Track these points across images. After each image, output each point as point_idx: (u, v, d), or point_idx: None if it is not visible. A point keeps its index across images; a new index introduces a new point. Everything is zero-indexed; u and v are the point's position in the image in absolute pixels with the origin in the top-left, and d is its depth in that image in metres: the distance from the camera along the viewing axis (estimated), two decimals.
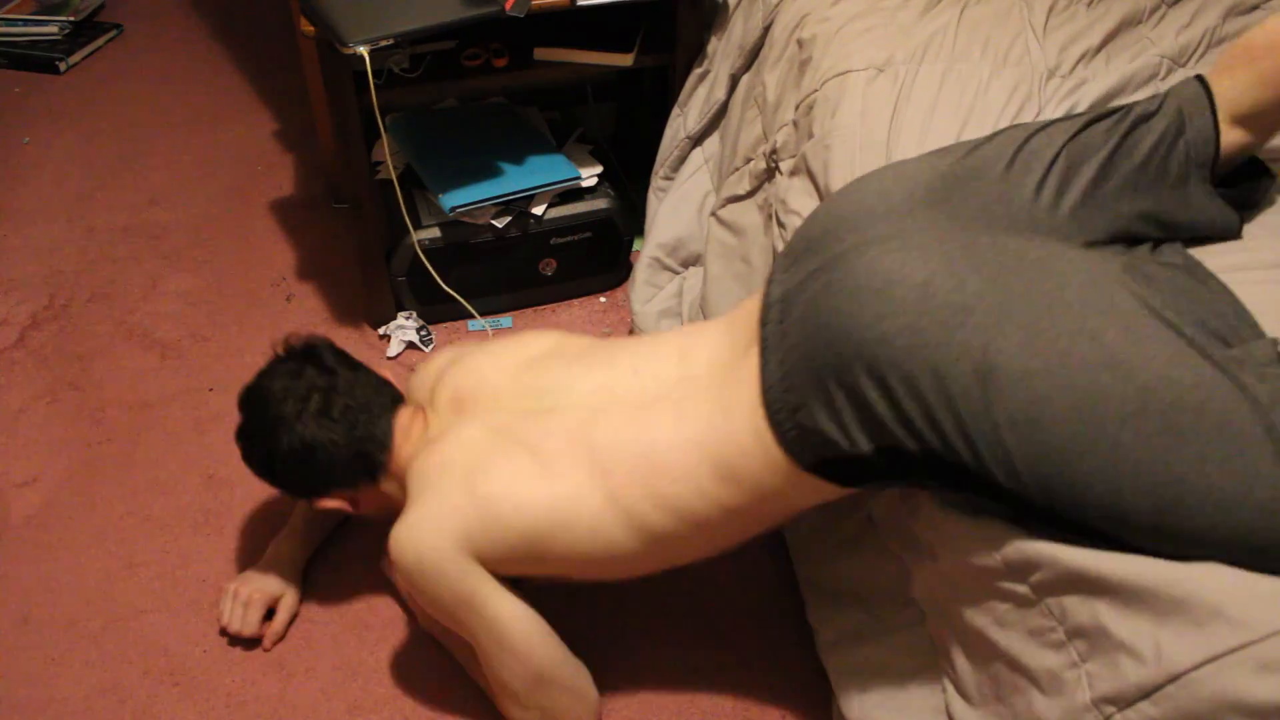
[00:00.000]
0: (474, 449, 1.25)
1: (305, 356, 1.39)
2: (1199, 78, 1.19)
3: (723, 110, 1.87)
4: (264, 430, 1.36)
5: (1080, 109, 1.39)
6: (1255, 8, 1.54)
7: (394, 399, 1.41)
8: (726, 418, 1.14)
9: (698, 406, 1.17)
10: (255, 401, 1.38)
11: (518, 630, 1.24)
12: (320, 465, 1.35)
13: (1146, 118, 1.16)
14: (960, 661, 1.10)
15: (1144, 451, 0.90)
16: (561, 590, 1.36)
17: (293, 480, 1.39)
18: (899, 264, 1.01)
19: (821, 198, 1.46)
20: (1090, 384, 0.92)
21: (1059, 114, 1.38)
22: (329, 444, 1.33)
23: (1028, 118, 1.39)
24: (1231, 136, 1.17)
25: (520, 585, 1.27)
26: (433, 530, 1.21)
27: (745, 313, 1.22)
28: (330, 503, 1.39)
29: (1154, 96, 1.19)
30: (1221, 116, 1.16)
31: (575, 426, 1.22)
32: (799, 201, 1.51)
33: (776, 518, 1.23)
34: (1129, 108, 1.18)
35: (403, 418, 1.39)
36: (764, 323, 1.13)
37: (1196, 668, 0.84)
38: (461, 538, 1.20)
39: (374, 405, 1.37)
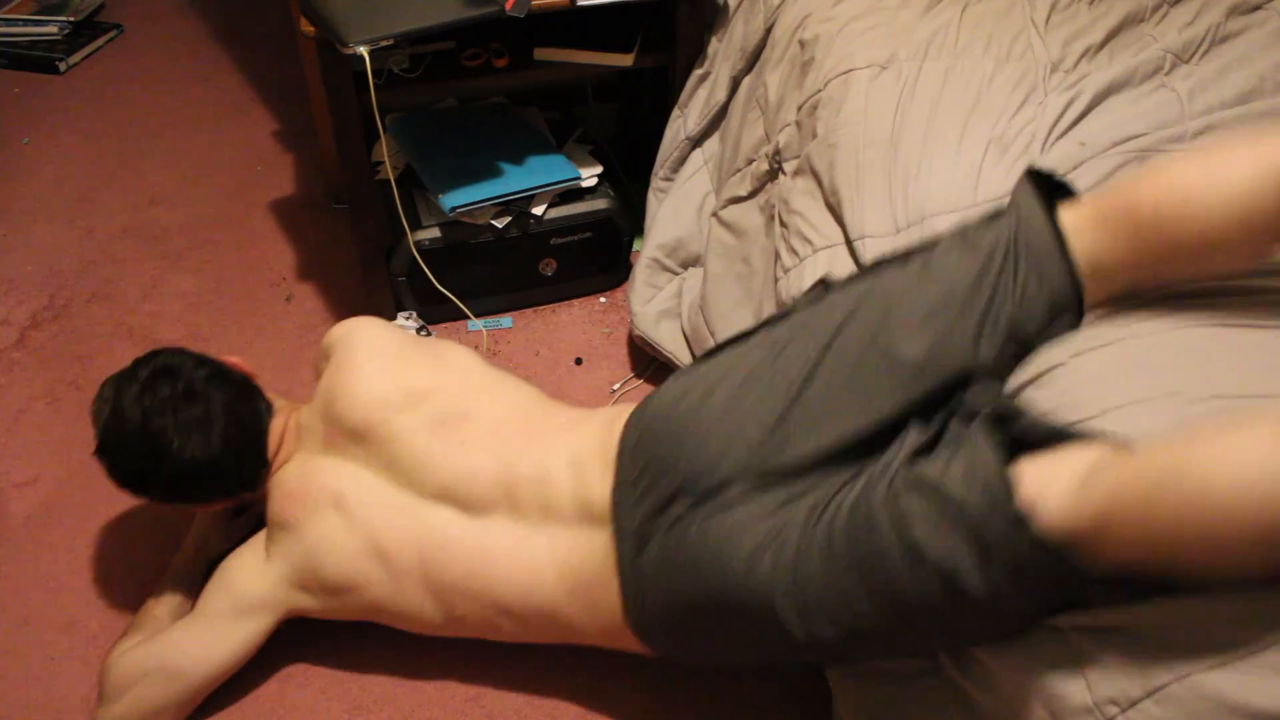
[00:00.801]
0: (328, 528, 1.34)
1: (163, 372, 1.38)
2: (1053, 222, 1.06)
3: (723, 111, 1.87)
4: (140, 454, 1.36)
5: (1084, 100, 1.39)
6: (1258, 8, 1.53)
7: (266, 409, 1.45)
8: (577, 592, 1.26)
9: (553, 559, 1.27)
10: (122, 424, 1.36)
11: (222, 662, 1.37)
12: (204, 487, 1.40)
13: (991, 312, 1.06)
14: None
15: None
16: None
17: (169, 497, 1.43)
18: (750, 528, 1.08)
19: (825, 197, 1.46)
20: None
21: (1062, 103, 1.38)
22: (212, 469, 1.37)
23: (1032, 110, 1.39)
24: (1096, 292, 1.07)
25: None
26: (268, 579, 1.37)
27: (599, 489, 1.25)
28: (213, 507, 1.49)
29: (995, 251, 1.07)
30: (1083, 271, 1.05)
31: (421, 515, 1.32)
32: (802, 202, 1.51)
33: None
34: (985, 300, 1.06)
35: (276, 427, 1.44)
36: (618, 548, 1.20)
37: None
38: (293, 593, 1.36)
39: (250, 427, 1.41)
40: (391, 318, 1.99)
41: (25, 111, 2.67)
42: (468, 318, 1.89)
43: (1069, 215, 1.07)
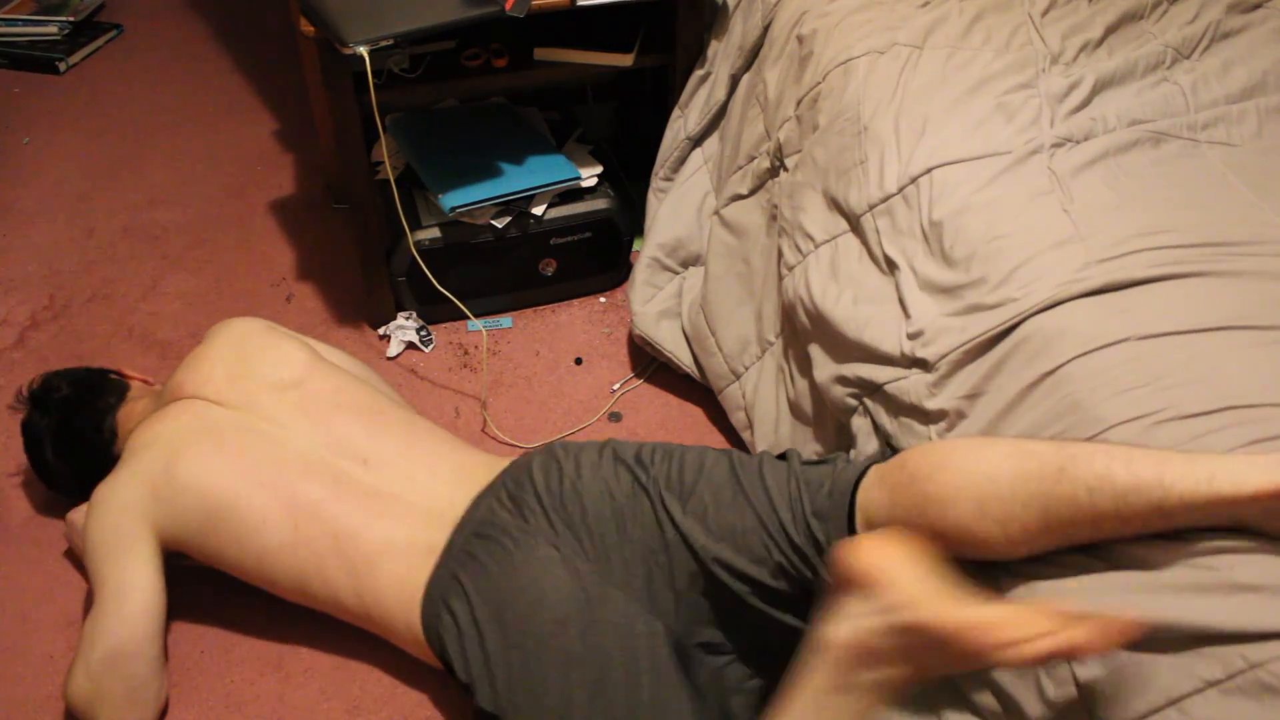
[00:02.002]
0: (184, 432, 1.42)
1: (35, 401, 1.61)
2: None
3: (722, 110, 1.87)
4: (42, 473, 1.64)
5: (1087, 85, 1.39)
6: (1258, 6, 1.54)
7: (116, 400, 1.60)
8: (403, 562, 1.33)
9: (391, 539, 1.36)
10: (28, 449, 1.63)
11: (136, 600, 1.35)
12: (73, 484, 1.59)
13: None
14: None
15: None
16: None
17: (77, 490, 1.57)
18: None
19: (825, 192, 1.46)
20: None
21: (1066, 84, 1.39)
22: (69, 474, 1.60)
23: (1033, 97, 1.39)
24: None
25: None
26: (124, 488, 1.39)
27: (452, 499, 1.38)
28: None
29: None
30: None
31: (284, 464, 1.39)
32: (802, 197, 1.51)
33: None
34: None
35: (123, 412, 1.58)
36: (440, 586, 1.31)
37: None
38: (148, 502, 1.38)
39: (91, 432, 1.57)
40: (391, 318, 1.99)
41: (25, 111, 2.67)
42: (467, 318, 1.89)
43: (869, 481, 1.13)
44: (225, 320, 1.60)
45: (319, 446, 1.42)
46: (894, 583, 0.97)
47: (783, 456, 1.24)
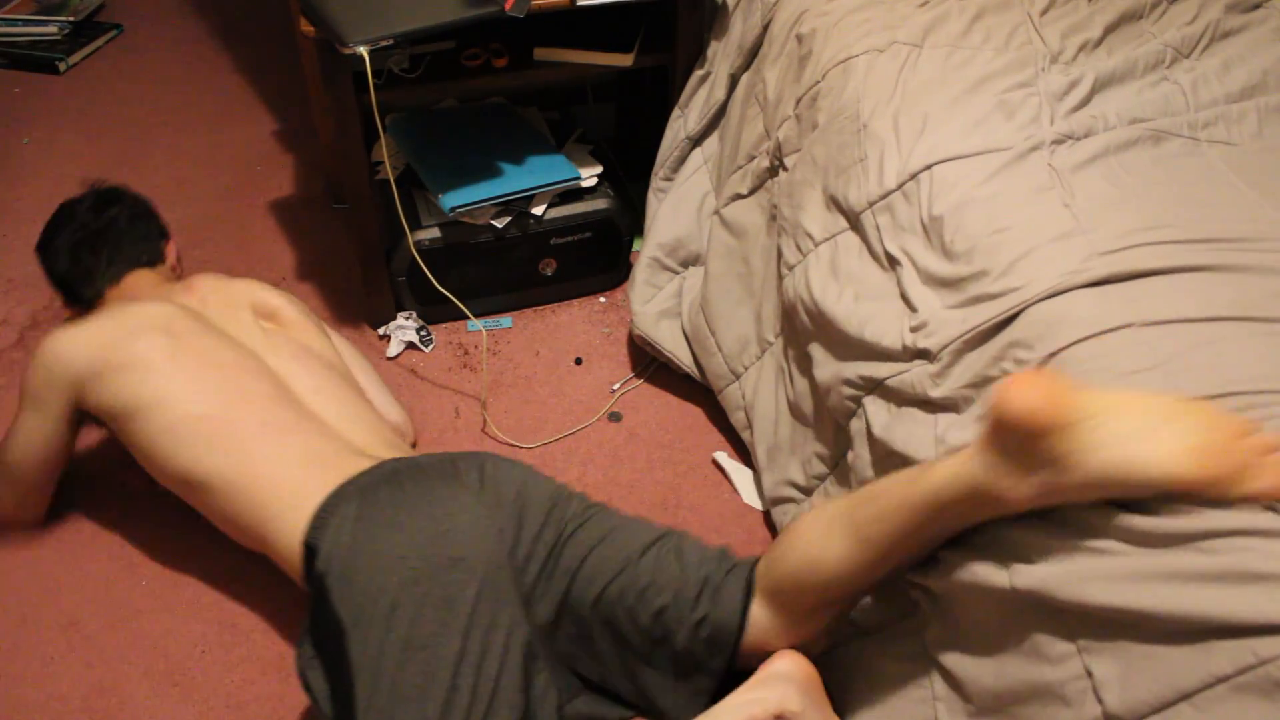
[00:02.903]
0: (152, 321, 1.48)
1: (94, 198, 1.69)
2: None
3: (722, 110, 1.87)
4: (43, 244, 1.67)
5: (1087, 83, 1.40)
6: (1257, 5, 1.54)
7: (145, 259, 1.67)
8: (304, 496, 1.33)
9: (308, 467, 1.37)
10: (52, 220, 1.68)
11: (39, 448, 1.52)
12: (53, 273, 1.65)
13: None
14: (961, 671, 1.10)
15: None
16: None
17: (64, 287, 1.65)
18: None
19: (825, 190, 1.47)
20: None
21: (1066, 82, 1.39)
22: (58, 266, 1.64)
23: (1033, 95, 1.39)
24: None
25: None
26: (72, 345, 1.47)
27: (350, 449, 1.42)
28: (71, 310, 1.68)
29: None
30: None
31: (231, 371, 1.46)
32: (802, 195, 1.51)
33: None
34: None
35: (135, 276, 1.64)
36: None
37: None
38: (84, 370, 1.45)
39: (100, 264, 1.63)
40: (391, 318, 1.99)
41: (25, 111, 2.67)
42: (467, 318, 1.89)
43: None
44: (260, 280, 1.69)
45: (275, 369, 1.50)
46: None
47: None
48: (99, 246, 1.63)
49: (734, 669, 1.25)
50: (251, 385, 1.43)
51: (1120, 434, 0.94)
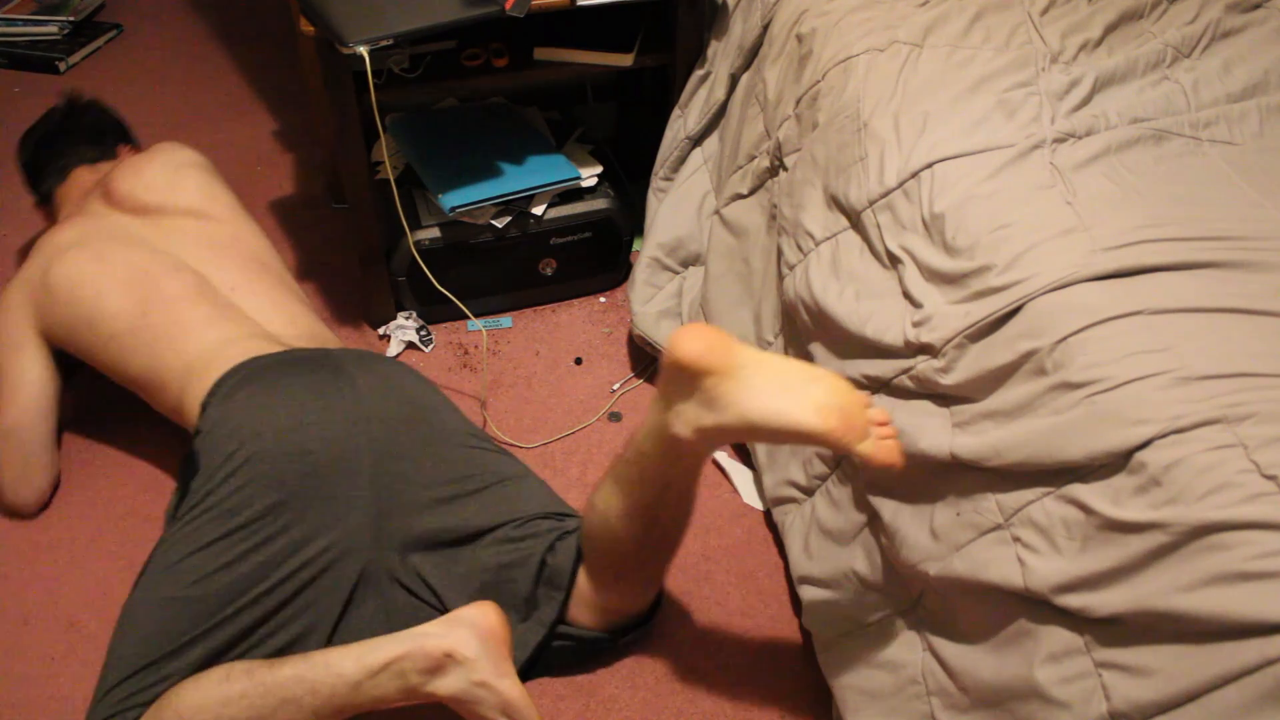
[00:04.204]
0: (70, 241, 1.63)
1: (70, 103, 1.98)
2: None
3: (722, 110, 1.87)
4: (20, 139, 1.95)
5: (1088, 82, 1.40)
6: (1258, 5, 1.54)
7: (92, 155, 1.89)
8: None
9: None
10: (35, 121, 1.96)
11: (27, 391, 1.62)
12: (22, 171, 1.94)
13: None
14: (958, 665, 1.10)
15: None
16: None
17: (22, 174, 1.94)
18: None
19: (825, 190, 1.47)
20: None
21: (1067, 82, 1.39)
22: (25, 155, 1.94)
23: (1034, 95, 1.39)
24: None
25: None
26: (13, 292, 1.63)
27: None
28: (41, 210, 1.95)
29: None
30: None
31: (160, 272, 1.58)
32: (802, 194, 1.51)
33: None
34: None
35: (81, 172, 1.87)
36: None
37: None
38: (29, 307, 1.61)
39: (59, 157, 1.89)
40: (391, 317, 1.99)
41: (25, 111, 2.66)
42: (467, 317, 1.89)
43: None
44: (174, 143, 1.85)
45: (195, 264, 1.61)
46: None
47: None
48: (55, 144, 1.90)
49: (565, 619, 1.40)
50: (171, 287, 1.56)
51: (766, 386, 1.13)
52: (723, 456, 1.75)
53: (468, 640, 1.22)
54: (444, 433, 1.44)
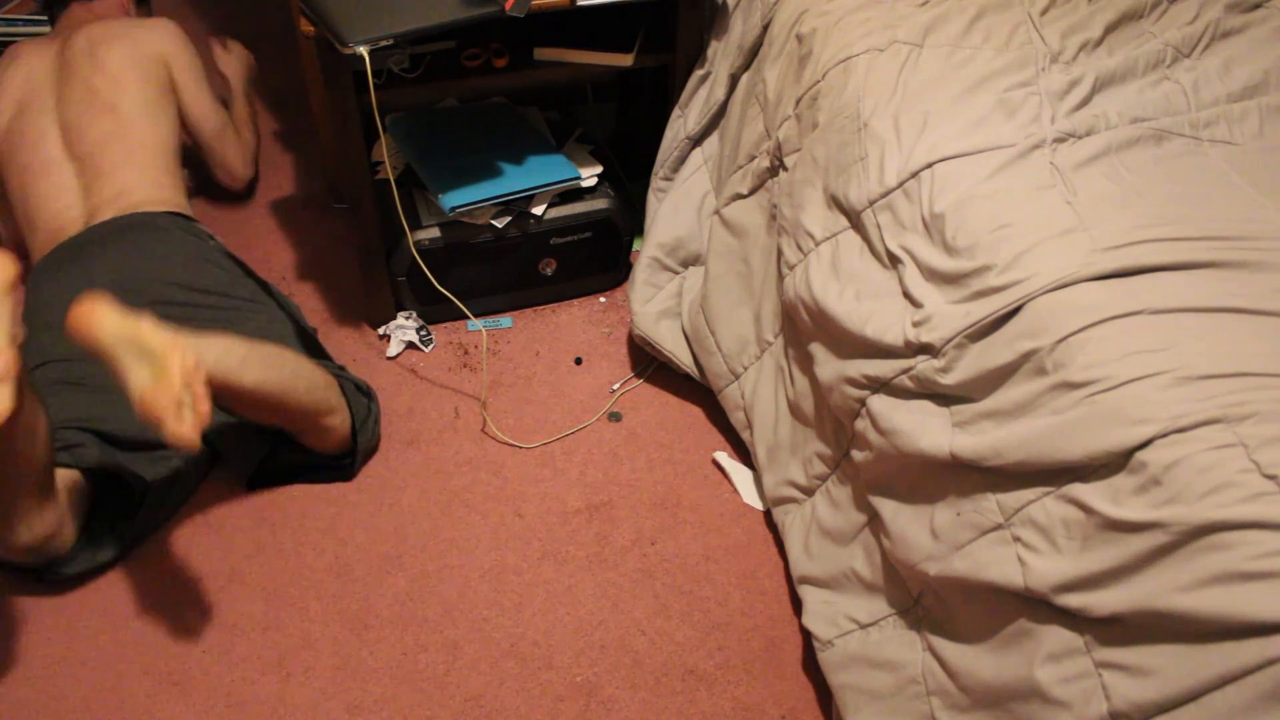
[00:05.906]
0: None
1: None
2: None
3: (722, 110, 1.87)
4: None
5: (1088, 82, 1.40)
6: (1258, 5, 1.54)
7: None
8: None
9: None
10: None
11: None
12: None
13: None
14: (958, 665, 1.10)
15: None
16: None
17: None
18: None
19: (825, 190, 1.46)
20: None
21: (1067, 81, 1.39)
22: None
23: (1034, 94, 1.39)
24: None
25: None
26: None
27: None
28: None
29: None
30: None
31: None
32: (802, 194, 1.51)
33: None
34: None
35: (73, 10, 2.13)
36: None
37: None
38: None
39: None
40: (391, 317, 1.99)
41: None
42: (467, 317, 1.89)
43: None
44: (158, 30, 2.07)
45: (72, 126, 1.89)
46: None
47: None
48: None
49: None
50: (49, 150, 1.86)
51: (131, 357, 1.30)
52: (723, 456, 1.75)
53: None
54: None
